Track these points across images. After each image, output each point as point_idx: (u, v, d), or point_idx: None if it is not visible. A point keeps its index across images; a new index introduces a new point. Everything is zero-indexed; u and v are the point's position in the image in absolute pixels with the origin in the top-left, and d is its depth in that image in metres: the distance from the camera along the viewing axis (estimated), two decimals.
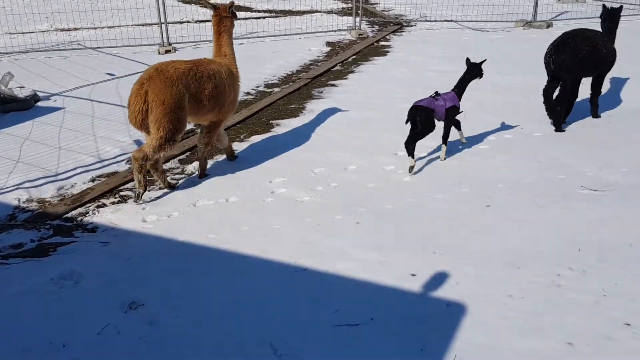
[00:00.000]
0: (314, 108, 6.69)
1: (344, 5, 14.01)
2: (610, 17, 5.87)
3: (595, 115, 5.99)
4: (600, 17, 5.96)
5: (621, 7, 6.02)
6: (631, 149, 5.17)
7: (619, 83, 7.10)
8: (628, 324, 2.88)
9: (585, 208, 4.10)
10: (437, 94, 5.00)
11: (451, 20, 11.51)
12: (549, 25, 10.64)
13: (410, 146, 4.83)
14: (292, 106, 6.81)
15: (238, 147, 5.56)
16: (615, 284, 3.20)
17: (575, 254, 3.51)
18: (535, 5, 10.79)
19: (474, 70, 5.11)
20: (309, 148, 5.50)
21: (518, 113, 6.25)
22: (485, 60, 5.20)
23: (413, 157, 4.82)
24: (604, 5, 5.98)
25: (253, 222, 4.12)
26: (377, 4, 14.60)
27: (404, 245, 3.73)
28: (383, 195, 4.51)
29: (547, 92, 5.71)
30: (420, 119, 4.82)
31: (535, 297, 3.13)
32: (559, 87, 5.68)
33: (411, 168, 4.84)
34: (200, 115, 4.64)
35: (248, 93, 7.36)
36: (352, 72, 8.33)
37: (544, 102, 5.74)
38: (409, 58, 8.94)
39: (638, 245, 3.57)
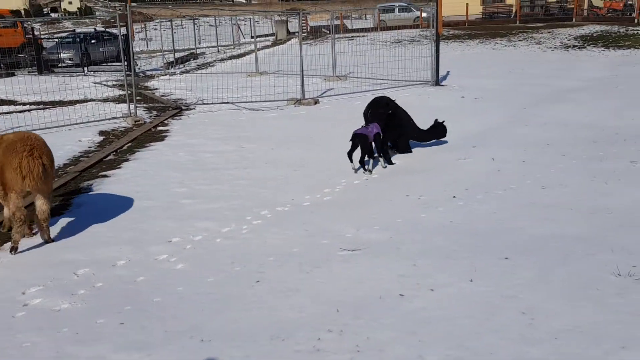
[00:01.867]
0: (81, 202, 6.28)
1: (121, 92, 13.74)
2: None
3: (389, 162, 7.46)
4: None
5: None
6: (383, 208, 5.80)
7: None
8: None
9: (344, 268, 4.42)
10: (367, 124, 7.31)
11: (228, 102, 12.02)
12: (316, 102, 11.75)
13: (350, 156, 6.99)
14: (55, 204, 6.28)
15: None
16: (368, 338, 3.45)
17: (334, 315, 3.73)
18: (302, 85, 11.88)
19: (380, 107, 7.48)
20: (73, 248, 5.08)
21: (290, 184, 6.65)
22: (396, 100, 7.71)
23: (352, 162, 7.01)
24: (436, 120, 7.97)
25: None
26: (156, 89, 14.66)
27: (170, 339, 3.57)
28: (152, 288, 4.32)
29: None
30: (359, 142, 6.94)
31: None
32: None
33: (355, 170, 7.06)
34: (48, 180, 5.16)
35: None
36: (127, 160, 8.08)
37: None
38: (187, 141, 9.03)
39: (387, 297, 3.93)
